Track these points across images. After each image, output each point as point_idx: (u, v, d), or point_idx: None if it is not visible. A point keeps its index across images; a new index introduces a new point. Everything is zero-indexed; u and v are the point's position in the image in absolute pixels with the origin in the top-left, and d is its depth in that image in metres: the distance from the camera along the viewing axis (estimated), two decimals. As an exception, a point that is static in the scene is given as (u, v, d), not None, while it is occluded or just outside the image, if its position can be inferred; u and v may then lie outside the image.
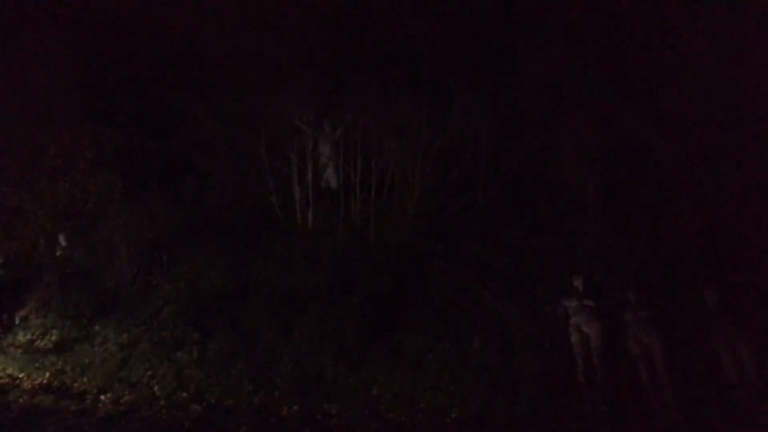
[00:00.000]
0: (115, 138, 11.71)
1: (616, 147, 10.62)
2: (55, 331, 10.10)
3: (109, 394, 8.51)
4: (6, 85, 11.59)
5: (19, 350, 9.86)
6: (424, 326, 8.86)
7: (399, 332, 8.86)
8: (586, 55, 11.10)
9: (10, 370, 9.26)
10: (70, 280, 10.88)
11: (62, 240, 11.28)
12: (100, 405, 8.27)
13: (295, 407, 7.96)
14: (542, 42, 11.18)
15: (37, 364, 9.34)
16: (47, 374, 9.09)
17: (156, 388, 8.56)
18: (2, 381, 9.04)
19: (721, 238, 9.39)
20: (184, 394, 8.38)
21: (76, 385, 8.85)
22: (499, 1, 11.97)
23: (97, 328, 10.02)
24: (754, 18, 10.28)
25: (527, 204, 10.85)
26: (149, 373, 8.85)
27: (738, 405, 7.29)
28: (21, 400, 8.47)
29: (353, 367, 8.47)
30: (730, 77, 10.16)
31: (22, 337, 10.12)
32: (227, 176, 11.87)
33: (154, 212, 11.07)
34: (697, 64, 10.35)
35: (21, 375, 9.14)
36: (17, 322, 10.48)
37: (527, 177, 11.04)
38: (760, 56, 10.16)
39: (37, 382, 8.95)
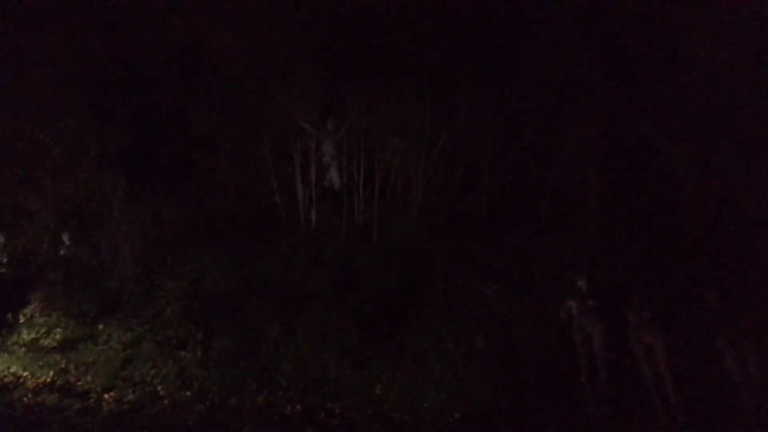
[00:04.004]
0: (119, 137, 11.77)
1: (619, 147, 10.61)
2: (59, 330, 10.12)
3: (112, 393, 8.53)
4: (11, 85, 11.65)
5: (23, 349, 9.88)
6: (427, 326, 8.86)
7: (402, 332, 8.86)
8: (589, 55, 11.10)
9: (14, 369, 9.27)
10: (74, 279, 10.90)
11: (66, 239, 11.31)
12: (104, 404, 8.29)
13: (299, 406, 7.97)
14: (545, 42, 11.19)
15: (41, 363, 9.36)
16: (51, 373, 9.11)
17: (160, 387, 8.58)
18: (6, 379, 9.06)
19: (724, 238, 9.38)
20: (188, 393, 8.39)
21: (79, 383, 8.86)
22: (503, 1, 11.97)
23: (101, 327, 10.04)
24: (755, 17, 10.27)
25: (530, 204, 10.85)
26: (153, 372, 8.87)
27: (741, 404, 7.28)
28: (25, 399, 8.49)
29: (356, 366, 8.48)
30: (732, 77, 10.15)
31: (26, 336, 10.13)
32: (231, 176, 11.89)
33: (157, 211, 11.10)
34: (700, 63, 10.35)
35: (25, 373, 9.16)
36: (21, 320, 10.50)
37: (530, 177, 11.03)
38: (762, 55, 10.15)
39: (41, 380, 8.97)
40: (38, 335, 10.12)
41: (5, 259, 11.29)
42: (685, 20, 10.78)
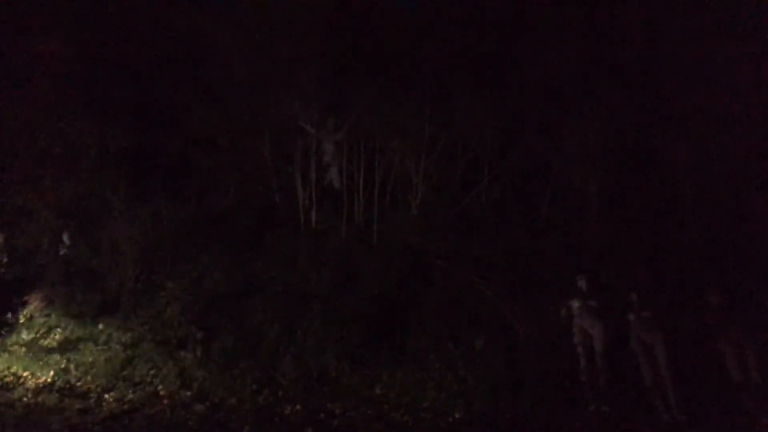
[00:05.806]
0: (120, 137, 11.77)
1: (620, 147, 10.60)
2: (59, 330, 10.13)
3: (112, 393, 8.53)
4: (12, 85, 11.65)
5: (23, 349, 9.89)
6: (427, 326, 8.86)
7: (402, 332, 8.86)
8: (590, 56, 11.09)
9: (14, 369, 9.27)
10: (74, 279, 10.92)
11: (66, 239, 11.32)
12: (104, 404, 8.28)
13: (299, 406, 7.95)
14: (546, 43, 11.17)
15: (41, 363, 9.37)
16: (51, 373, 9.11)
17: (160, 387, 8.58)
18: (6, 379, 9.06)
19: (726, 239, 9.37)
20: (188, 393, 8.39)
21: (80, 383, 8.86)
22: (504, 3, 11.96)
23: (101, 327, 10.05)
24: (757, 19, 10.26)
25: (531, 204, 10.84)
26: (153, 372, 8.88)
27: (741, 406, 7.27)
28: (25, 399, 8.48)
29: (356, 366, 8.47)
30: (734, 79, 10.14)
31: (26, 336, 10.15)
32: (231, 176, 11.89)
33: (158, 211, 11.12)
34: (702, 65, 10.34)
35: (25, 373, 9.16)
36: (21, 320, 10.51)
37: (531, 177, 11.03)
38: (763, 57, 10.14)
39: (41, 380, 8.97)
40: (38, 335, 10.13)
41: (5, 259, 11.30)
42: (688, 21, 10.77)
